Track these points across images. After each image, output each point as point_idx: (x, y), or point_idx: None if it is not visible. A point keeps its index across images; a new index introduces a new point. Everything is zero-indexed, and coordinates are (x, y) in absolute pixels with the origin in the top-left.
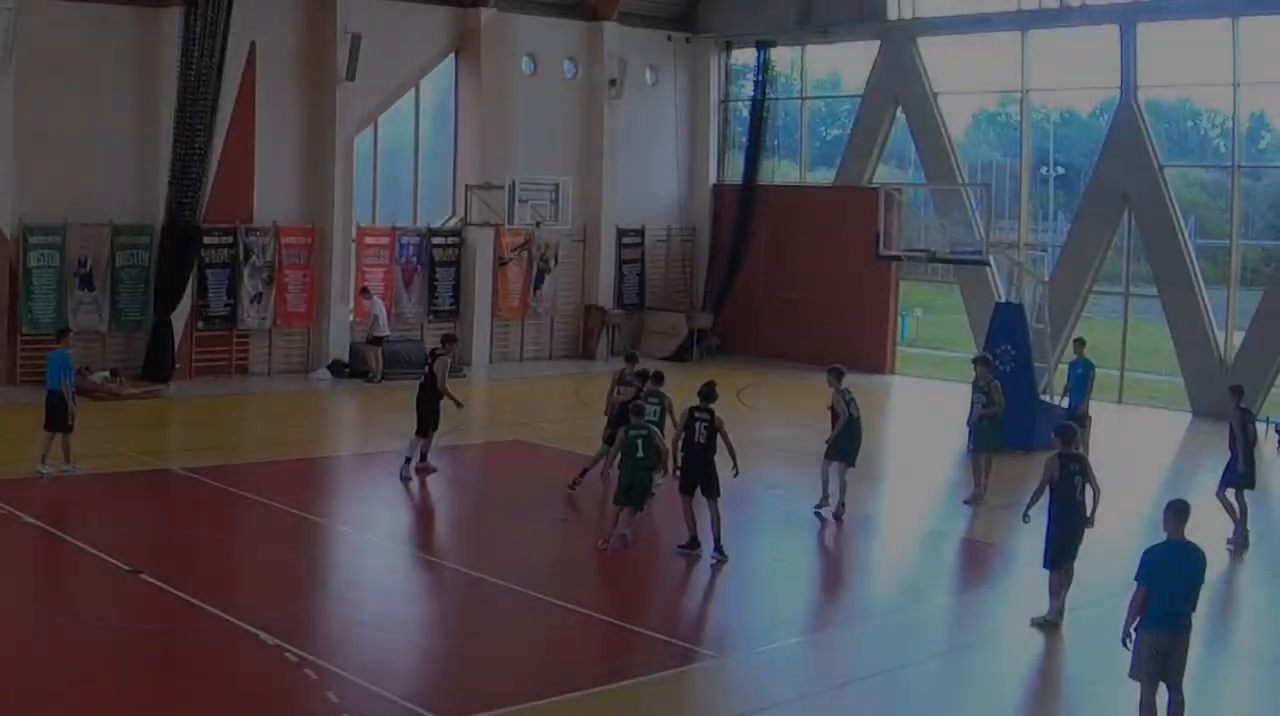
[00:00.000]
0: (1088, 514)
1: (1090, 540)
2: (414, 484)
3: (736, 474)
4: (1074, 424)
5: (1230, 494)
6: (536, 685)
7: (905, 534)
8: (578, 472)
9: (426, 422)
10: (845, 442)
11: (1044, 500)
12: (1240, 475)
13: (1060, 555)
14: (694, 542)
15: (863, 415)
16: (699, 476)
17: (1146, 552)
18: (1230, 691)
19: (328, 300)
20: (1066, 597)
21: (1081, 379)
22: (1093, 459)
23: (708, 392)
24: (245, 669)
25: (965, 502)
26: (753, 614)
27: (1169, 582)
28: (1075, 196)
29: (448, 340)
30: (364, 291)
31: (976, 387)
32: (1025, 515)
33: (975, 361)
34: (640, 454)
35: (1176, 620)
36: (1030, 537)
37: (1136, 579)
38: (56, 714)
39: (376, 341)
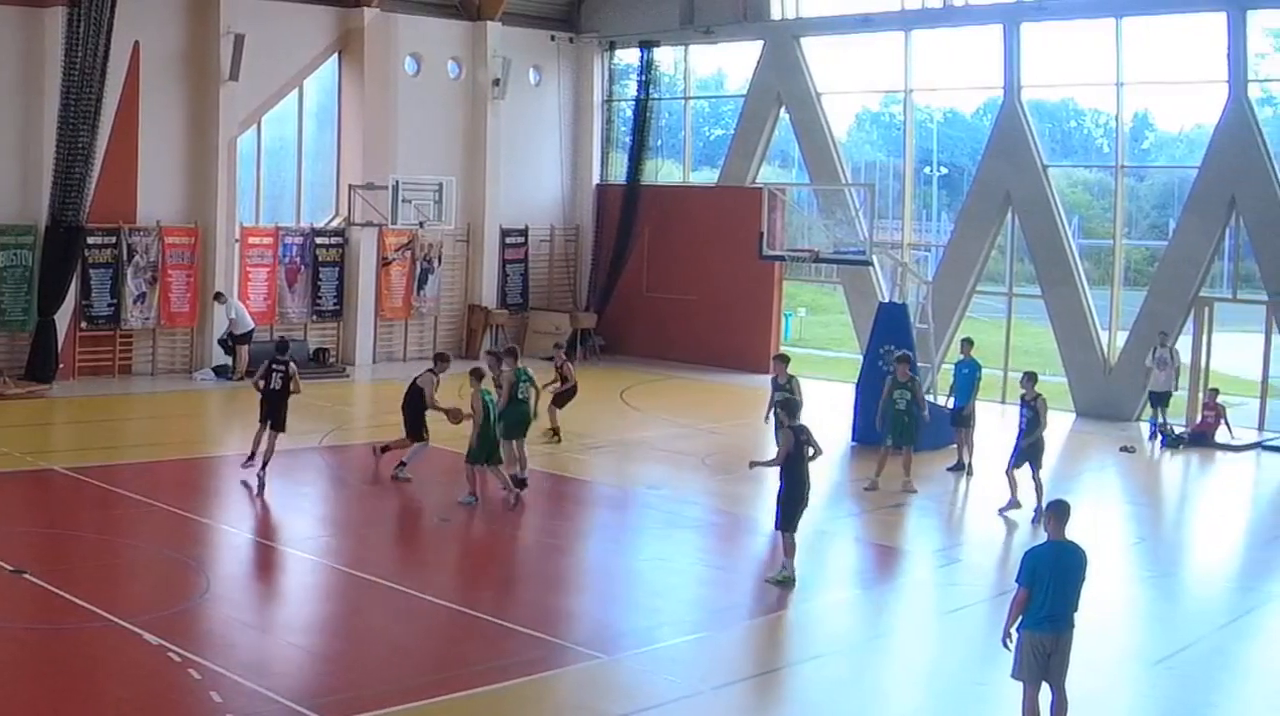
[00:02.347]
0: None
1: (974, 542)
2: (309, 486)
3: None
4: (795, 398)
5: (1020, 470)
6: (420, 685)
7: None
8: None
9: (419, 430)
10: None
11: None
12: (1023, 451)
13: (796, 518)
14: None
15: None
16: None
17: (1027, 554)
18: (1114, 692)
19: (211, 300)
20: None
21: (967, 379)
22: (977, 458)
23: (282, 345)
24: (129, 669)
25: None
26: (637, 613)
27: (1050, 582)
28: (959, 196)
29: (440, 359)
30: (217, 296)
31: (899, 384)
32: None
33: (898, 359)
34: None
35: (1058, 620)
36: (918, 539)
37: (1017, 580)
38: None
39: (241, 338)
